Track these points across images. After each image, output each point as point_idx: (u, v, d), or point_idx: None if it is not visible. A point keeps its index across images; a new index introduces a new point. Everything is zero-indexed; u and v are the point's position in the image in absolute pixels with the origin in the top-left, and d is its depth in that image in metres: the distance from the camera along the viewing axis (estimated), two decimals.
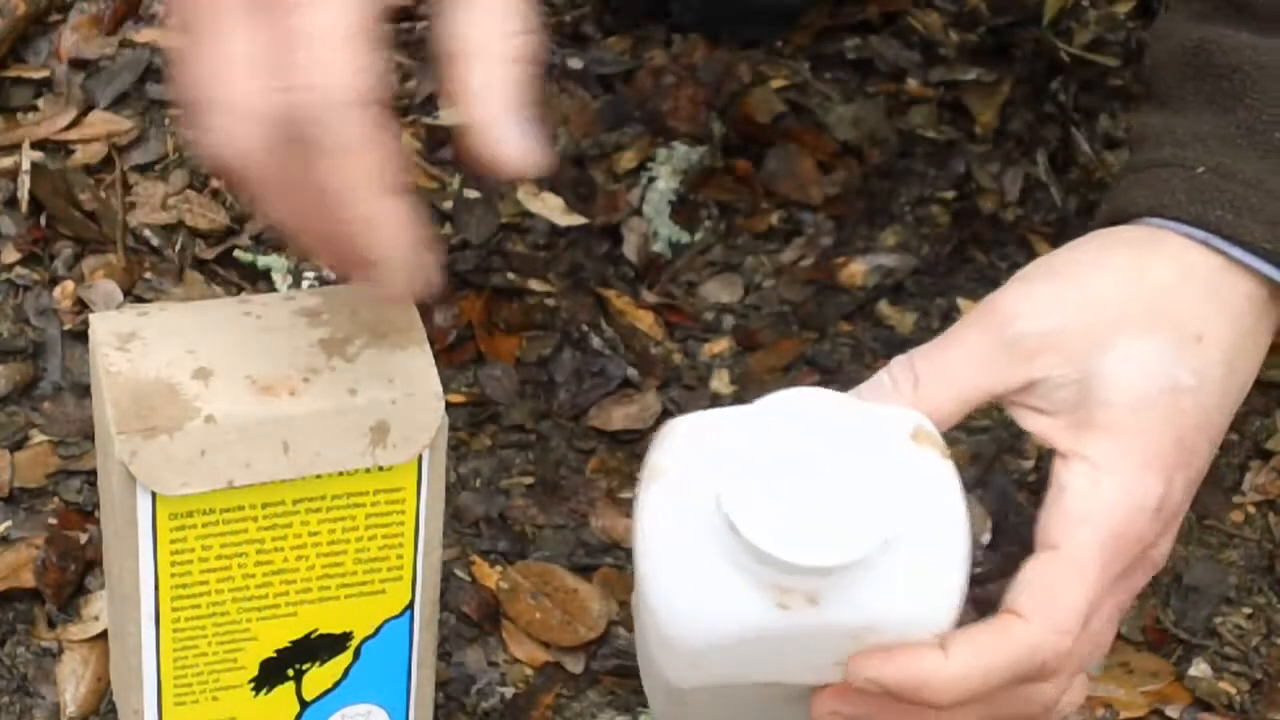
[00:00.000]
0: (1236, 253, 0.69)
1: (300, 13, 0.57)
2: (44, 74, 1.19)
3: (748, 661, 0.66)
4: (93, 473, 0.95)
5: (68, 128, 1.15)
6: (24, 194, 1.10)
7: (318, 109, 0.57)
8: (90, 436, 0.97)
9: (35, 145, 1.13)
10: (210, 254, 1.09)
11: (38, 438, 0.99)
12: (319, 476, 0.72)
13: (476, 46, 0.61)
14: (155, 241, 1.09)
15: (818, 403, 0.64)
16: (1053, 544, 0.66)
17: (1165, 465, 0.67)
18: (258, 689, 0.77)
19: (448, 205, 1.11)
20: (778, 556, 0.61)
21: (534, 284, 1.08)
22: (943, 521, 0.65)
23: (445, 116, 0.94)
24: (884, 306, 1.11)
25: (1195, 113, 0.72)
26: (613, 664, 0.92)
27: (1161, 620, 0.96)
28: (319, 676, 0.78)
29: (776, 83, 1.24)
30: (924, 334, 1.09)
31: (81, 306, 1.05)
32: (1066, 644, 0.65)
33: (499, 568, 0.95)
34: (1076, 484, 0.66)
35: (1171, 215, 0.70)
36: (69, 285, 1.06)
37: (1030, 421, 0.69)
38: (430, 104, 1.16)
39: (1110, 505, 0.66)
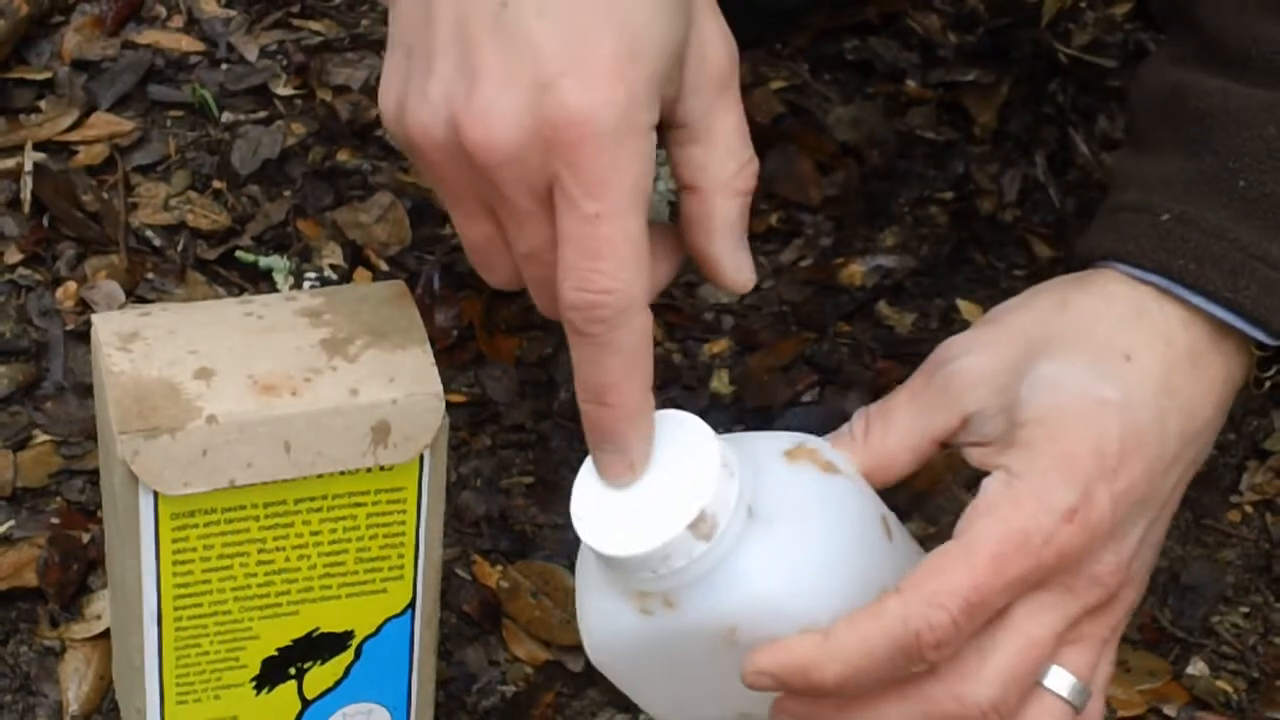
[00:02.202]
0: (1198, 301, 0.69)
1: (602, 224, 0.61)
2: (46, 75, 1.19)
3: (658, 667, 0.68)
4: (95, 472, 0.96)
5: (70, 129, 1.15)
6: (26, 195, 1.11)
7: (613, 311, 0.62)
8: (93, 436, 0.97)
9: (38, 146, 1.14)
10: (212, 254, 1.09)
11: (40, 437, 0.99)
12: (320, 476, 0.72)
13: (713, 180, 0.67)
14: (157, 242, 1.10)
15: (698, 430, 0.66)
16: (956, 535, 0.66)
17: (1080, 473, 0.66)
18: (259, 688, 0.78)
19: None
20: (598, 550, 0.64)
21: None
22: (798, 520, 0.65)
23: None
24: (883, 307, 1.11)
25: (1165, 157, 0.72)
26: None
27: (1159, 619, 0.96)
28: (320, 675, 0.78)
29: (776, 84, 1.24)
30: (922, 334, 1.10)
31: (84, 307, 1.05)
32: (941, 618, 0.63)
33: (499, 567, 0.95)
34: (989, 486, 0.67)
35: (1134, 261, 0.70)
36: (71, 286, 1.06)
37: (973, 457, 0.69)
38: None
39: (1014, 502, 0.66)
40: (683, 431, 0.66)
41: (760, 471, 0.66)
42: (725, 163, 0.66)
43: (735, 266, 0.67)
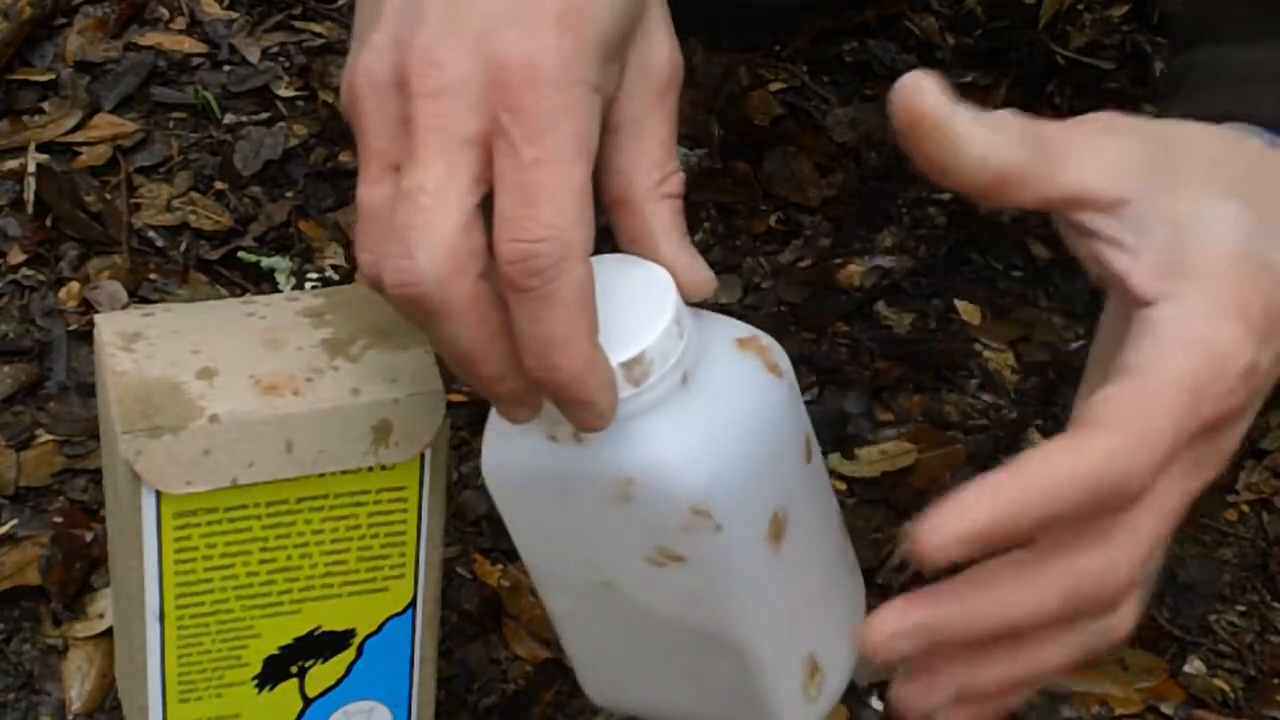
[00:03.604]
0: None
1: (540, 169, 0.60)
2: (49, 77, 1.19)
3: (547, 502, 0.66)
4: (98, 472, 0.96)
5: (73, 130, 1.16)
6: (30, 195, 1.11)
7: (550, 261, 0.60)
8: (95, 436, 0.97)
9: (41, 147, 1.14)
10: (214, 255, 1.09)
11: (43, 437, 0.99)
12: (322, 475, 0.72)
13: (639, 190, 0.66)
14: (160, 242, 1.10)
15: (662, 283, 0.65)
16: (1136, 370, 0.59)
17: (1258, 329, 0.60)
18: (261, 686, 0.78)
19: None
20: None
21: None
22: (725, 404, 0.65)
23: None
24: (881, 307, 1.12)
25: (1267, 41, 0.71)
26: None
27: (1156, 618, 0.96)
28: (322, 673, 0.79)
29: (775, 85, 1.24)
30: (921, 334, 1.10)
31: (87, 307, 1.05)
32: (1154, 460, 0.57)
33: (500, 565, 0.96)
34: (1168, 317, 0.60)
35: (1260, 120, 0.67)
36: (74, 286, 1.06)
37: (1110, 257, 0.62)
38: None
39: (1204, 341, 0.59)
40: (647, 280, 0.64)
41: (707, 348, 0.65)
42: (650, 172, 0.66)
43: (690, 267, 0.66)
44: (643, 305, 0.64)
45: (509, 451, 0.66)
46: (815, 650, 0.69)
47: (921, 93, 0.60)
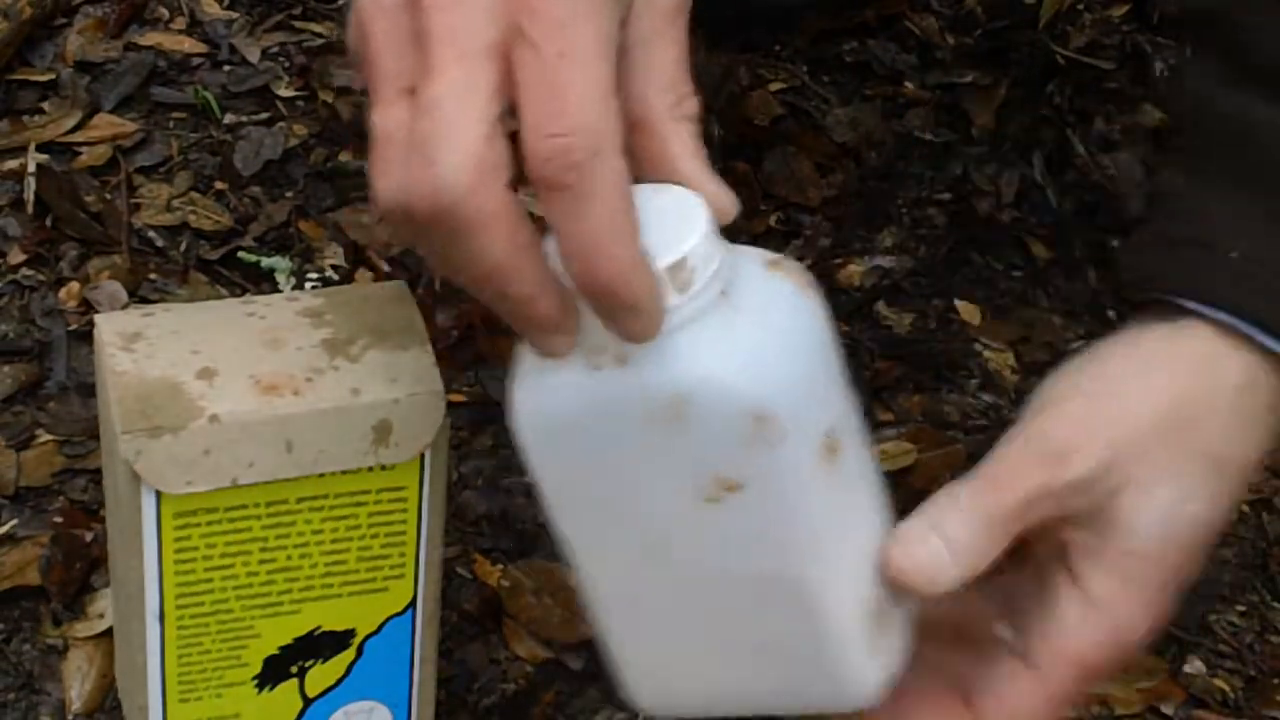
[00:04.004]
0: (1269, 342, 0.69)
1: (565, 64, 0.58)
2: (49, 77, 1.19)
3: (589, 446, 0.64)
4: (98, 472, 0.96)
5: (73, 130, 1.16)
6: (30, 196, 1.11)
7: (586, 153, 0.58)
8: (95, 436, 0.97)
9: (41, 147, 1.14)
10: (214, 255, 1.09)
11: (43, 437, 0.99)
12: (322, 475, 0.72)
13: (656, 111, 0.64)
14: (160, 243, 1.10)
15: (691, 199, 0.64)
16: (1035, 664, 0.68)
17: (1161, 598, 0.69)
18: (261, 686, 0.78)
19: None
20: None
21: None
22: (766, 315, 0.63)
23: None
24: (881, 307, 1.12)
25: (1228, 192, 0.71)
26: None
27: None
28: (322, 673, 0.79)
29: (775, 85, 1.24)
30: (921, 334, 1.10)
31: (87, 307, 1.05)
32: None
33: (500, 565, 0.96)
34: (1069, 616, 0.68)
35: (1206, 300, 0.70)
36: (74, 286, 1.06)
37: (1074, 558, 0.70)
38: None
39: (1099, 646, 0.68)
40: (675, 199, 0.63)
41: (739, 269, 0.63)
42: (665, 93, 0.65)
43: (714, 189, 0.64)
44: (675, 220, 0.62)
45: (546, 395, 0.63)
46: (876, 595, 0.68)
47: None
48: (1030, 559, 0.70)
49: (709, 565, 0.66)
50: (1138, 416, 0.69)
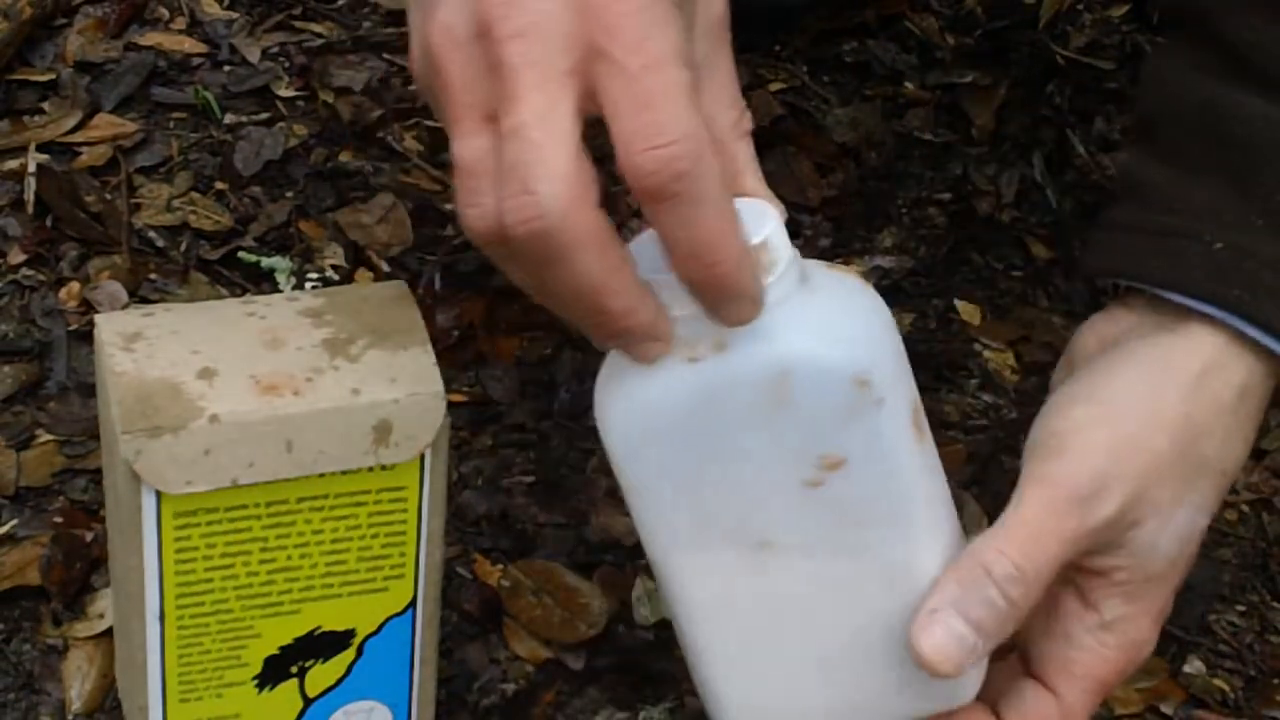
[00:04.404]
0: (1252, 332, 0.70)
1: (651, 76, 0.59)
2: (50, 77, 1.19)
3: (694, 443, 0.64)
4: (98, 472, 0.96)
5: (73, 130, 1.16)
6: (30, 196, 1.11)
7: (690, 161, 0.59)
8: (96, 436, 0.97)
9: (41, 148, 1.14)
10: (214, 255, 1.09)
11: (44, 437, 0.99)
12: (322, 475, 0.72)
13: (722, 128, 0.67)
14: (160, 243, 1.10)
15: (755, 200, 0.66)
16: (1054, 688, 0.70)
17: (1168, 606, 0.71)
18: (261, 686, 0.78)
19: (450, 207, 1.12)
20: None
21: None
22: (842, 296, 0.66)
23: None
24: None
25: (1208, 182, 0.72)
26: (613, 661, 0.92)
27: None
28: (322, 673, 0.79)
29: (775, 85, 1.24)
30: (921, 334, 1.10)
31: (87, 307, 1.05)
32: None
33: (500, 566, 0.96)
34: (1085, 640, 0.70)
35: (1189, 292, 0.70)
36: (75, 286, 1.06)
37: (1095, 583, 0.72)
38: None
39: (1113, 663, 0.70)
40: (743, 204, 0.64)
41: (807, 266, 0.66)
42: (727, 109, 0.67)
43: (770, 198, 0.68)
44: (749, 215, 0.64)
45: (642, 396, 0.64)
46: None
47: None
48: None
49: (810, 560, 0.66)
50: (1155, 444, 0.69)
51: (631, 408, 0.65)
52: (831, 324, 0.64)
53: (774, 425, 0.64)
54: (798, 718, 0.71)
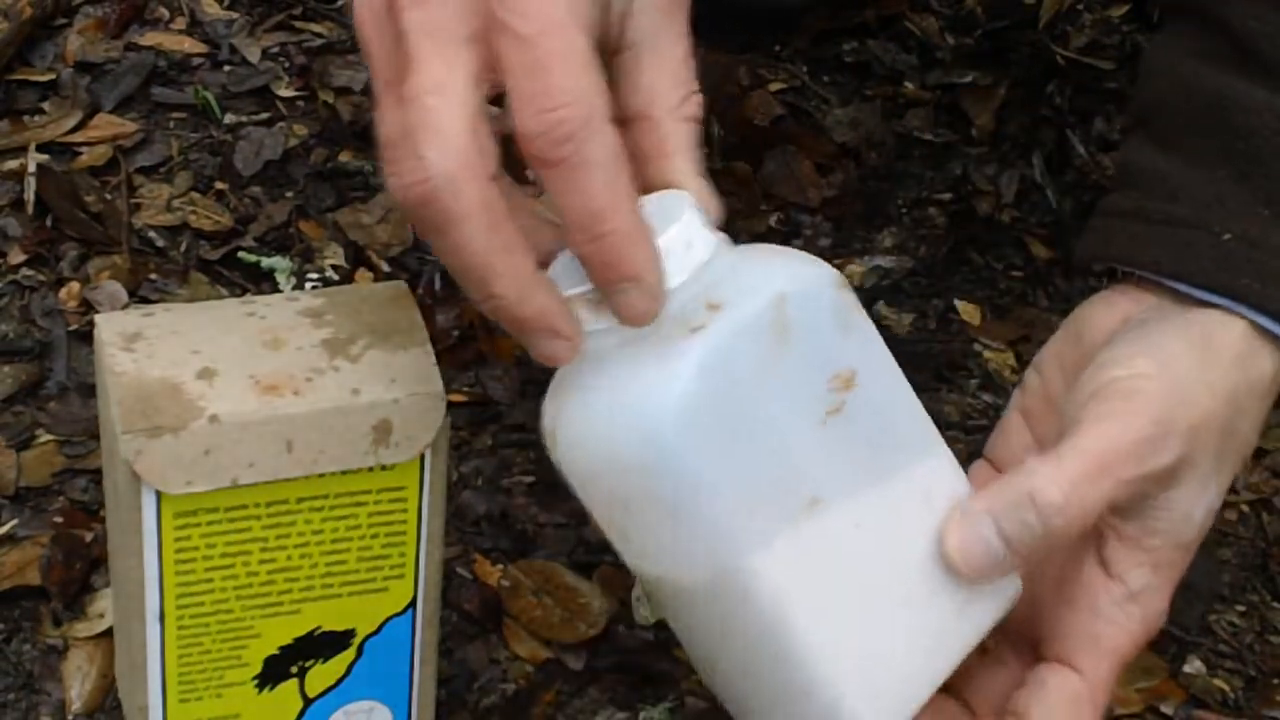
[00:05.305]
0: (1263, 321, 0.70)
1: (544, 40, 0.59)
2: (50, 77, 1.19)
3: (733, 434, 0.62)
4: (98, 472, 0.96)
5: (73, 130, 1.16)
6: (30, 196, 1.11)
7: (576, 124, 0.59)
8: (96, 436, 0.97)
9: (41, 148, 1.14)
10: (214, 255, 1.09)
11: (44, 437, 0.99)
12: (322, 475, 0.72)
13: (662, 106, 0.66)
14: (160, 243, 1.10)
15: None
16: (1078, 666, 0.69)
17: (1178, 581, 0.71)
18: (261, 686, 0.78)
19: None
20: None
21: None
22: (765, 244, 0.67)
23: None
24: (881, 307, 1.12)
25: (1212, 172, 0.72)
26: (613, 661, 0.92)
27: None
28: (322, 673, 0.79)
29: (775, 86, 1.24)
30: (921, 334, 1.10)
31: (87, 307, 1.05)
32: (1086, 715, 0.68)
33: (500, 565, 0.96)
34: (1111, 612, 0.69)
35: (1198, 282, 0.70)
36: (74, 286, 1.07)
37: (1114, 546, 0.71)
38: None
39: (1135, 635, 0.69)
40: (664, 196, 0.65)
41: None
42: (672, 89, 0.66)
43: (699, 192, 0.66)
44: (664, 209, 0.64)
45: (665, 391, 0.61)
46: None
47: None
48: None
49: (856, 499, 0.65)
50: (1210, 408, 0.69)
51: (648, 411, 0.61)
52: (791, 256, 0.65)
53: (788, 361, 0.63)
54: (918, 669, 0.67)
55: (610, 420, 0.62)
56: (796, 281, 0.64)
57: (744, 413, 0.62)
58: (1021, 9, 1.29)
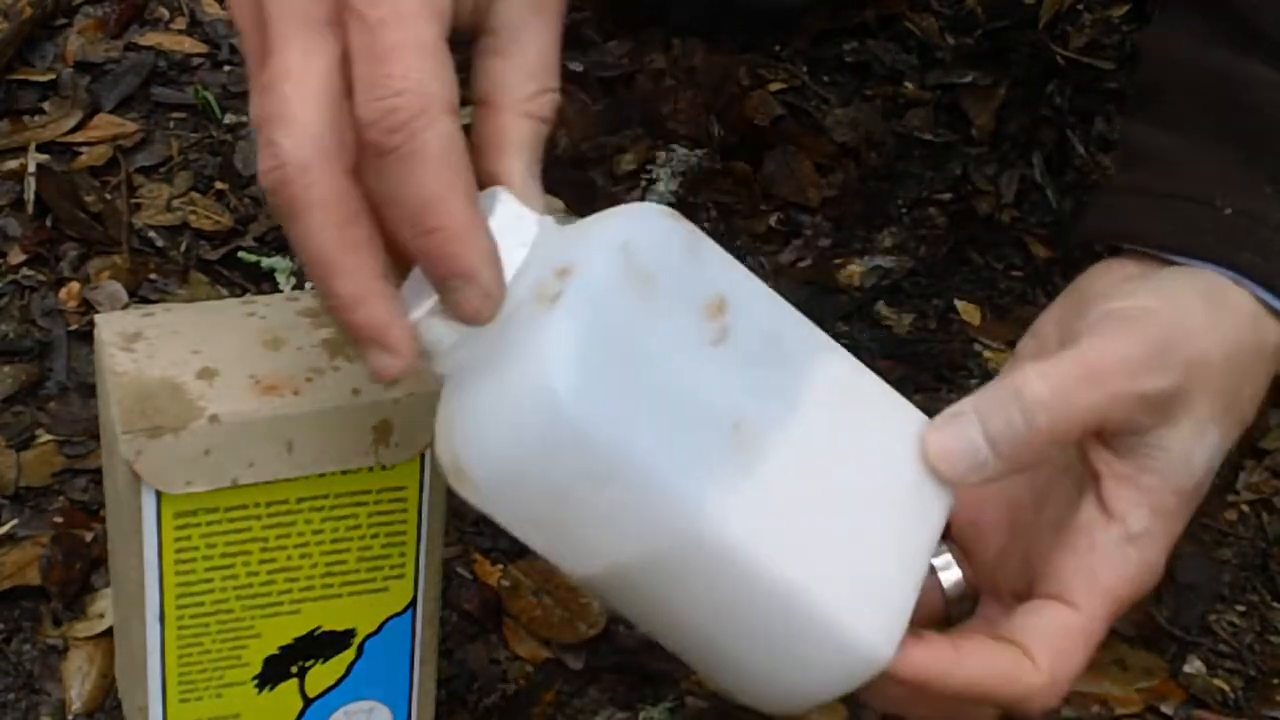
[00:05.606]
0: (1265, 296, 0.69)
1: (387, 28, 0.58)
2: (50, 77, 1.19)
3: (629, 372, 0.60)
4: (98, 472, 0.96)
5: (73, 130, 1.16)
6: (30, 196, 1.11)
7: (410, 114, 0.58)
8: (96, 436, 0.97)
9: (41, 148, 1.14)
10: (214, 255, 1.10)
11: (44, 437, 0.99)
12: (322, 475, 0.73)
13: (507, 97, 0.64)
14: (160, 243, 1.10)
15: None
16: (1074, 602, 0.67)
17: (1177, 538, 0.69)
18: (261, 686, 0.78)
19: None
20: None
21: None
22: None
23: None
24: (881, 307, 1.12)
25: (1215, 149, 0.72)
26: (613, 661, 0.92)
27: (1156, 618, 0.97)
28: (322, 673, 0.79)
29: (775, 86, 1.24)
30: (921, 334, 1.10)
31: (87, 307, 1.05)
32: (1057, 698, 0.67)
33: (500, 565, 0.96)
34: (1110, 551, 0.67)
35: (1199, 255, 0.70)
36: (75, 286, 1.07)
37: (1105, 483, 0.69)
38: None
39: (1132, 582, 0.68)
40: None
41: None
42: (523, 82, 0.64)
43: (524, 192, 0.64)
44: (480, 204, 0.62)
45: (550, 374, 0.59)
46: None
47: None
48: (1047, 485, 0.70)
49: (777, 409, 0.63)
50: (1210, 351, 0.68)
51: (542, 405, 0.59)
52: (615, 210, 0.63)
53: (653, 306, 0.61)
54: (896, 582, 0.65)
55: (511, 418, 0.60)
56: (635, 226, 0.62)
57: (632, 364, 0.60)
58: (1021, 9, 1.29)
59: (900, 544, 0.65)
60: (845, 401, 0.65)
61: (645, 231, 0.62)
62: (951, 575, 0.71)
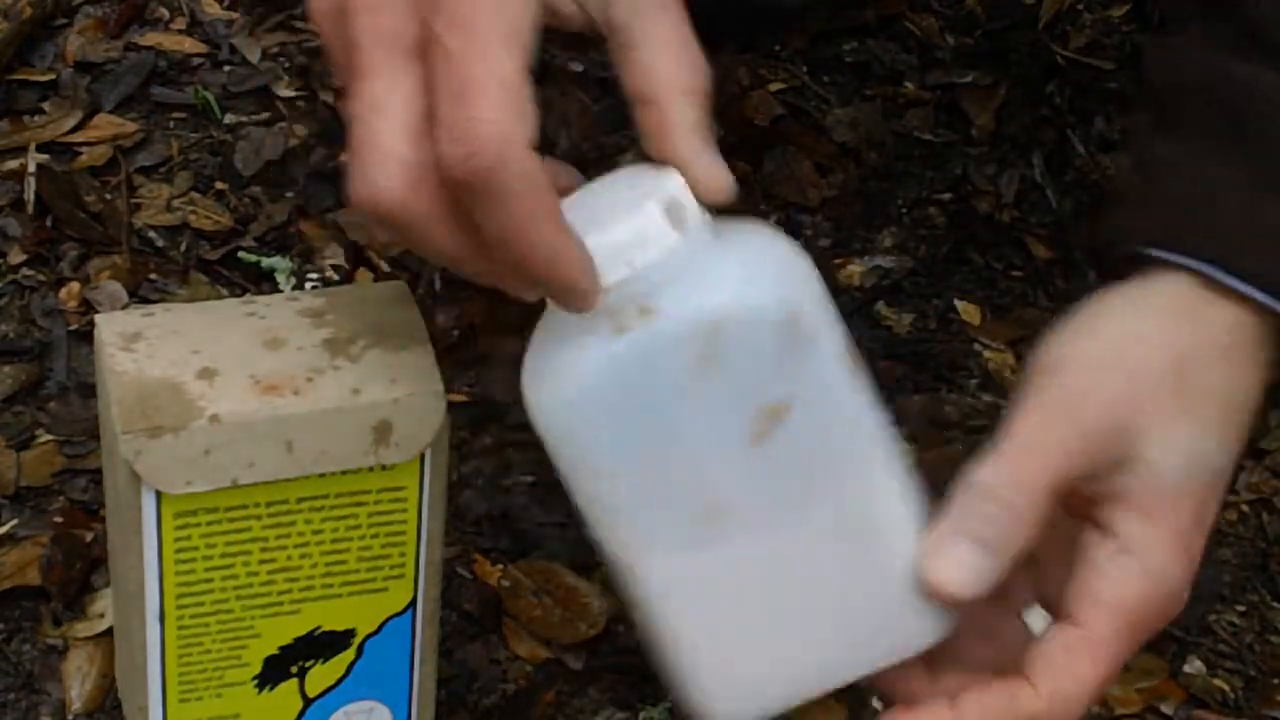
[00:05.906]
0: (1252, 292, 0.69)
1: (468, 61, 0.59)
2: (50, 77, 1.19)
3: (627, 419, 0.63)
4: (98, 472, 0.96)
5: (73, 130, 1.16)
6: (30, 196, 1.11)
7: (489, 158, 0.59)
8: (96, 436, 0.97)
9: (41, 147, 1.14)
10: (214, 255, 1.10)
11: (44, 437, 0.99)
12: (322, 475, 0.73)
13: (664, 84, 0.64)
14: (160, 243, 1.10)
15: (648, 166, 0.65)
16: (1076, 619, 0.67)
17: (1190, 544, 0.68)
18: (261, 686, 0.78)
19: None
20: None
21: None
22: (757, 240, 0.65)
23: None
24: (882, 307, 1.12)
25: (1221, 156, 0.71)
26: (613, 661, 0.92)
27: None
28: (322, 673, 0.79)
29: (775, 85, 1.24)
30: (921, 334, 1.10)
31: (87, 307, 1.05)
32: (1068, 716, 0.66)
33: (500, 565, 0.96)
34: (1105, 565, 0.67)
35: (1186, 252, 0.70)
36: (75, 286, 1.07)
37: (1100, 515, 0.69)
38: None
39: (1138, 594, 0.67)
40: (651, 170, 0.64)
41: (717, 223, 0.65)
42: (673, 64, 0.65)
43: (707, 172, 0.64)
44: (643, 177, 0.64)
45: (577, 376, 0.63)
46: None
47: None
48: (1055, 540, 0.69)
49: (768, 517, 0.65)
50: (1143, 361, 0.68)
51: (562, 386, 0.64)
52: (752, 270, 0.63)
53: (712, 384, 0.62)
54: (778, 687, 0.68)
55: (542, 392, 0.65)
56: (740, 307, 0.62)
57: (653, 419, 0.63)
58: (1021, 9, 1.29)
59: (820, 656, 0.68)
60: (848, 529, 0.66)
61: (745, 316, 0.62)
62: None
